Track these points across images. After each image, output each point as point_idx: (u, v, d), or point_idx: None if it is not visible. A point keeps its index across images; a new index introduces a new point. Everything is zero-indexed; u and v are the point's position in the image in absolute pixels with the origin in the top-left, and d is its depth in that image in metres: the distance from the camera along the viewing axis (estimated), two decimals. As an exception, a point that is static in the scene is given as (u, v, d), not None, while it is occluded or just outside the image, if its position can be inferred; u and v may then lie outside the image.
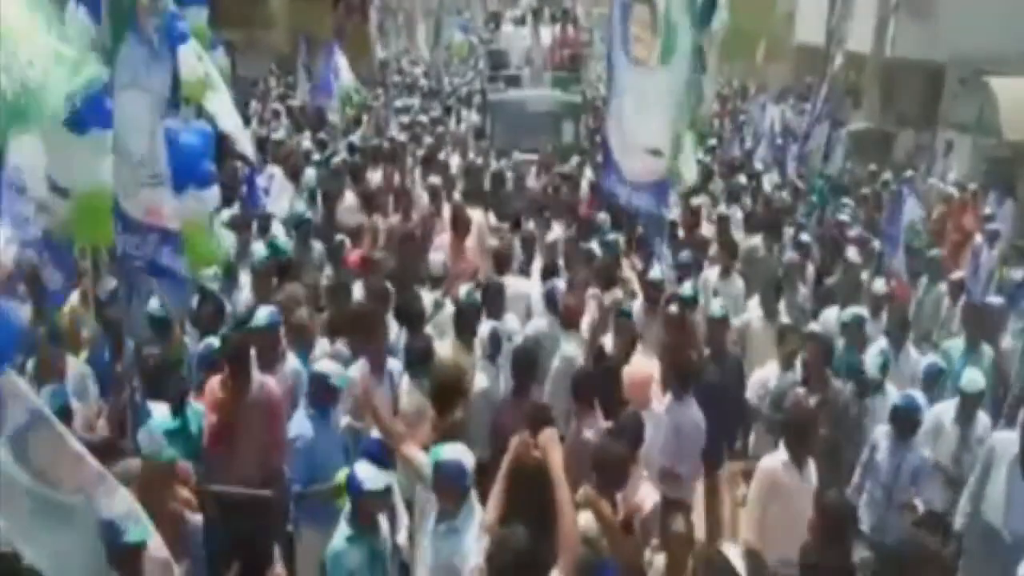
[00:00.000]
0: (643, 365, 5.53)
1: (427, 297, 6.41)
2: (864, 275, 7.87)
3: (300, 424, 4.69)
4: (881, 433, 5.07)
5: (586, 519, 3.79)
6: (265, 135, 13.61)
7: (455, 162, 12.38)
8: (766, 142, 13.34)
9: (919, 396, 5.11)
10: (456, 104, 19.50)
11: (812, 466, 4.63)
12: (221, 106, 8.98)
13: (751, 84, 25.60)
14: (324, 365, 4.80)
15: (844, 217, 9.92)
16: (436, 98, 19.41)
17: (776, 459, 4.63)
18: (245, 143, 9.03)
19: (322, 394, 4.69)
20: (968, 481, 4.82)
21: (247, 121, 15.02)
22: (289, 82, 18.48)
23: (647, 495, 4.24)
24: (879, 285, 7.28)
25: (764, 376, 6.00)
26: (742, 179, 11.82)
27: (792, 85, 23.79)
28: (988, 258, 9.19)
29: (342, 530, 3.88)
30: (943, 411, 5.36)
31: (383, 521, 4.01)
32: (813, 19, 21.31)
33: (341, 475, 4.21)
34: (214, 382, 4.83)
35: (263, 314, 5.27)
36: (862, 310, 6.41)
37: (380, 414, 4.34)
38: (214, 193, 5.99)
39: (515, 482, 3.90)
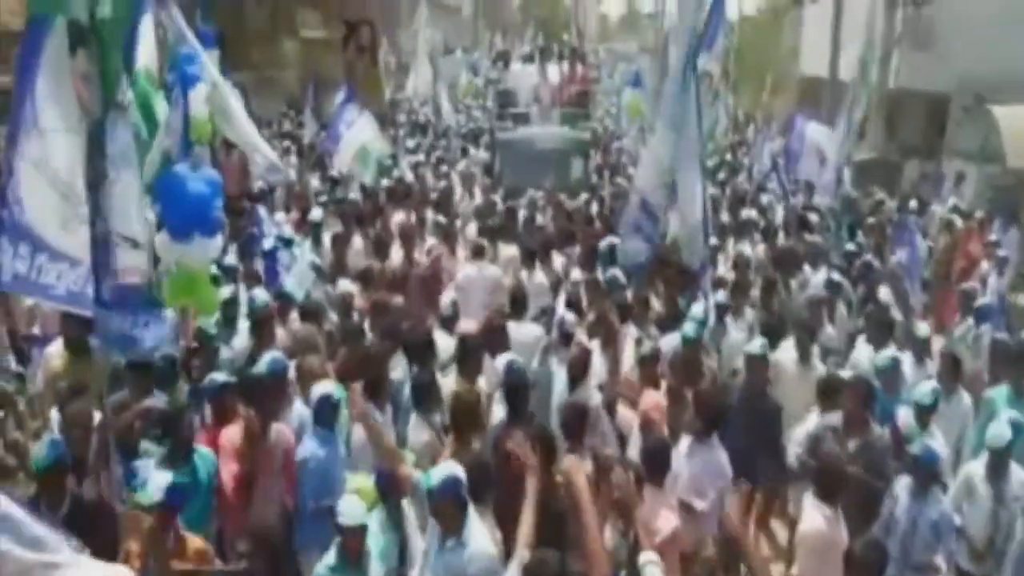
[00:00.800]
0: (654, 395, 5.53)
1: (440, 338, 6.36)
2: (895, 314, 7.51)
3: (308, 445, 4.88)
4: (902, 485, 4.85)
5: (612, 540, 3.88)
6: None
7: (465, 201, 12.45)
8: (774, 175, 13.40)
9: (939, 447, 4.89)
10: (463, 142, 19.70)
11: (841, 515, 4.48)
12: (238, 129, 9.24)
13: (757, 116, 25.86)
14: (325, 386, 4.98)
15: (851, 247, 9.77)
16: (443, 137, 19.66)
17: (817, 517, 4.45)
18: (267, 154, 9.27)
19: (325, 412, 4.89)
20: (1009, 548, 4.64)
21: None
22: (300, 121, 18.79)
23: (666, 520, 4.29)
24: (924, 329, 6.91)
25: (805, 430, 5.62)
26: (752, 213, 11.74)
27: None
28: (997, 285, 9.28)
29: (329, 558, 4.02)
30: (973, 469, 5.11)
31: (375, 559, 4.08)
32: (817, 52, 21.61)
33: (352, 483, 4.48)
34: (232, 432, 4.87)
35: (268, 361, 5.22)
36: (897, 353, 6.22)
37: (376, 427, 4.46)
38: (217, 242, 6.10)
39: (543, 508, 3.93)
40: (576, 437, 4.86)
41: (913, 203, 13.56)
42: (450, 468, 3.90)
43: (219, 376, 5.23)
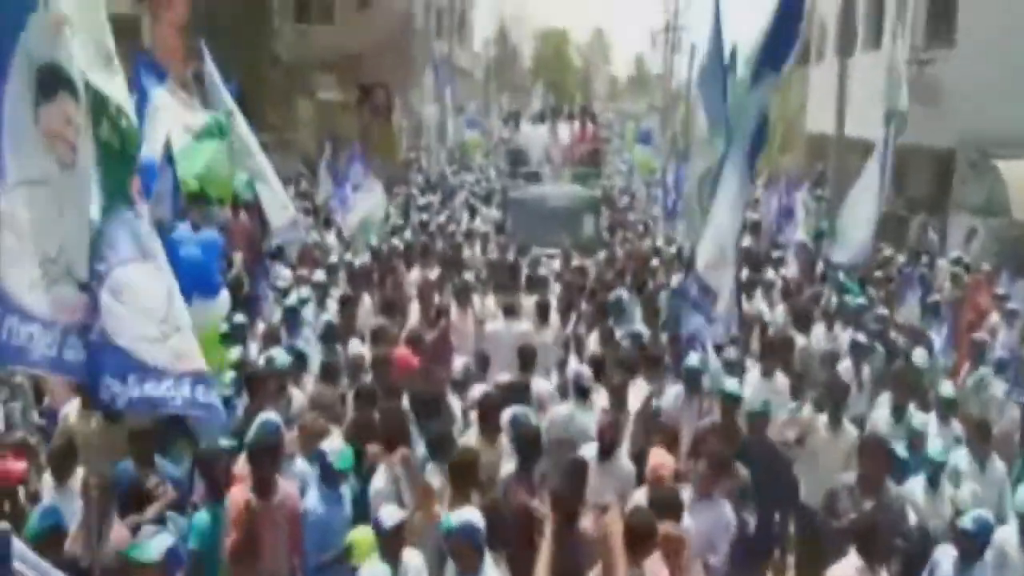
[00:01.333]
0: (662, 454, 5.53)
1: (452, 402, 6.36)
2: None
3: (311, 500, 5.01)
4: (943, 553, 4.74)
5: None
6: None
7: (478, 259, 12.56)
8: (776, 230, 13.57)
9: (989, 516, 4.75)
10: (472, 200, 19.83)
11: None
12: (269, 183, 9.52)
13: (765, 173, 26.22)
14: (328, 444, 5.05)
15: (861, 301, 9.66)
16: (453, 196, 19.99)
17: (849, 567, 4.44)
18: (291, 211, 9.52)
19: (327, 473, 4.99)
20: None
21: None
22: (315, 180, 19.12)
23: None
24: (948, 388, 6.80)
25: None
26: (769, 272, 11.74)
27: (805, 172, 24.35)
28: (1008, 338, 9.34)
29: None
30: (1006, 537, 4.99)
31: None
32: (823, 110, 21.98)
33: (349, 537, 4.60)
34: (236, 493, 4.91)
35: (259, 424, 5.21)
36: (923, 414, 6.18)
37: (415, 467, 4.75)
38: (222, 301, 6.19)
39: (558, 561, 4.09)
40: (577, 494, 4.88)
41: (925, 258, 13.70)
42: (470, 513, 4.07)
43: (221, 442, 5.24)
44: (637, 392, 6.59)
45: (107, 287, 3.97)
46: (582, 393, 6.40)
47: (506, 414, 5.88)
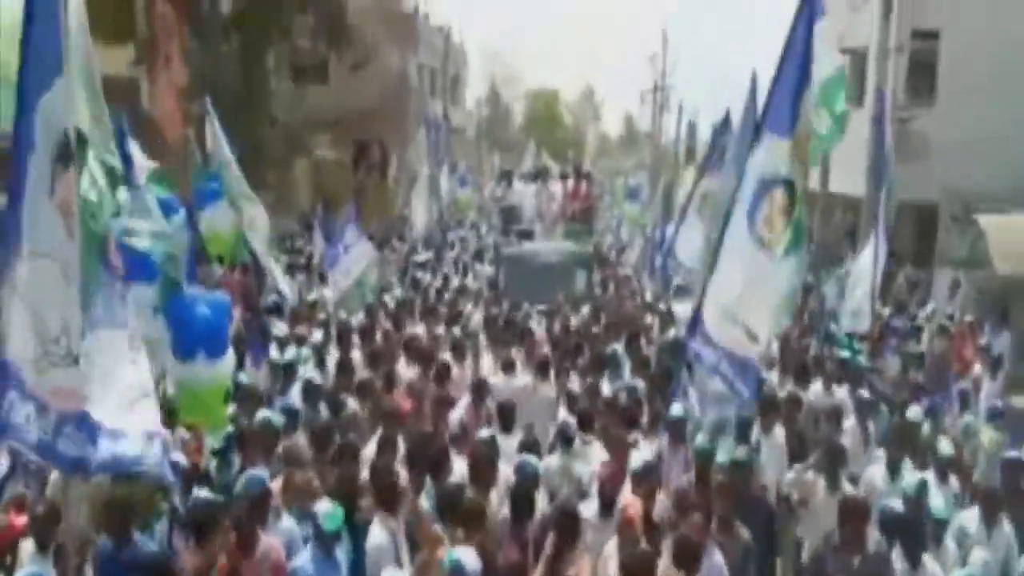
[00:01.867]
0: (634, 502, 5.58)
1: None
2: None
3: (302, 559, 5.01)
4: None
5: None
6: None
7: (473, 315, 12.55)
8: None
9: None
10: (463, 256, 19.92)
11: None
12: (260, 244, 9.74)
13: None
14: (320, 506, 5.06)
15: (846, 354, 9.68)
16: (445, 253, 20.16)
17: None
18: (278, 280, 9.63)
19: (318, 535, 4.97)
20: None
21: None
22: (308, 237, 19.33)
23: None
24: (947, 446, 6.76)
25: None
26: None
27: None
28: (990, 388, 9.52)
29: None
30: None
31: None
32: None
33: None
34: (220, 547, 4.93)
35: (245, 480, 5.30)
36: (925, 476, 6.15)
37: (425, 516, 4.92)
38: (228, 361, 6.36)
39: None
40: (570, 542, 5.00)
41: (915, 310, 13.91)
42: (469, 552, 4.30)
43: (203, 495, 5.27)
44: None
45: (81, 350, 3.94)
46: (566, 441, 6.57)
47: (510, 464, 5.97)
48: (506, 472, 6.00)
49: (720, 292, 5.74)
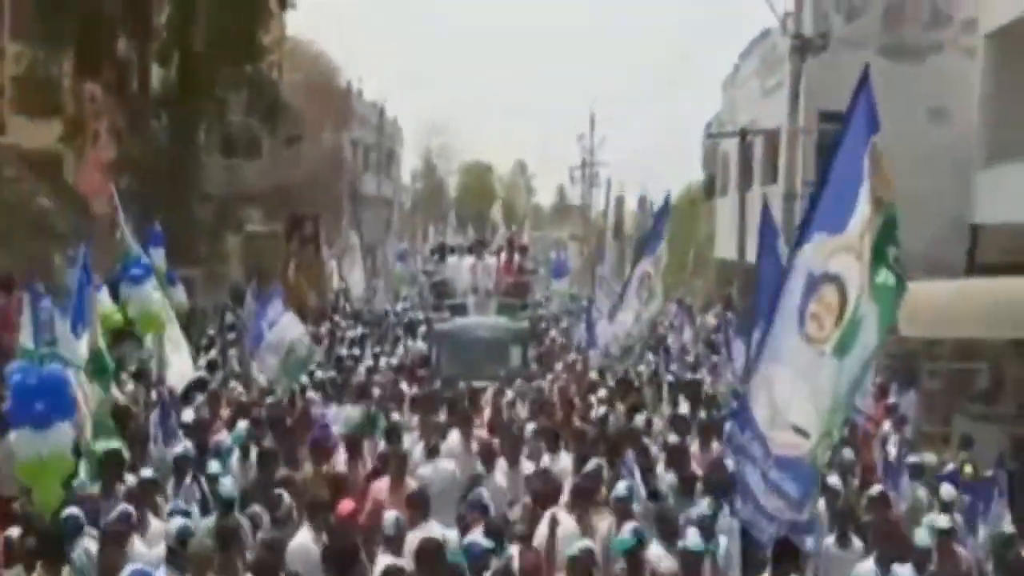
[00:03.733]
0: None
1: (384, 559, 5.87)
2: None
3: None
4: None
5: None
6: (216, 363, 13.79)
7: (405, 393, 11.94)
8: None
9: None
10: (395, 332, 19.56)
11: None
12: (174, 338, 9.68)
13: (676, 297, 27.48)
14: None
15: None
16: (378, 328, 19.99)
17: None
18: (181, 375, 9.56)
19: None
20: None
21: (207, 348, 15.53)
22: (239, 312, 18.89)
23: None
24: (923, 537, 6.43)
25: None
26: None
27: (716, 295, 25.68)
28: (895, 442, 10.04)
29: None
30: None
31: None
32: (729, 238, 23.45)
33: None
34: None
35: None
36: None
37: None
38: (56, 433, 6.08)
39: None
40: None
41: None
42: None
43: None
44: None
45: None
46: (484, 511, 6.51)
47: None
48: None
49: (768, 396, 5.25)
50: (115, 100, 19.55)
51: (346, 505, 6.57)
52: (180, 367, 9.68)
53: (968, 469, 8.87)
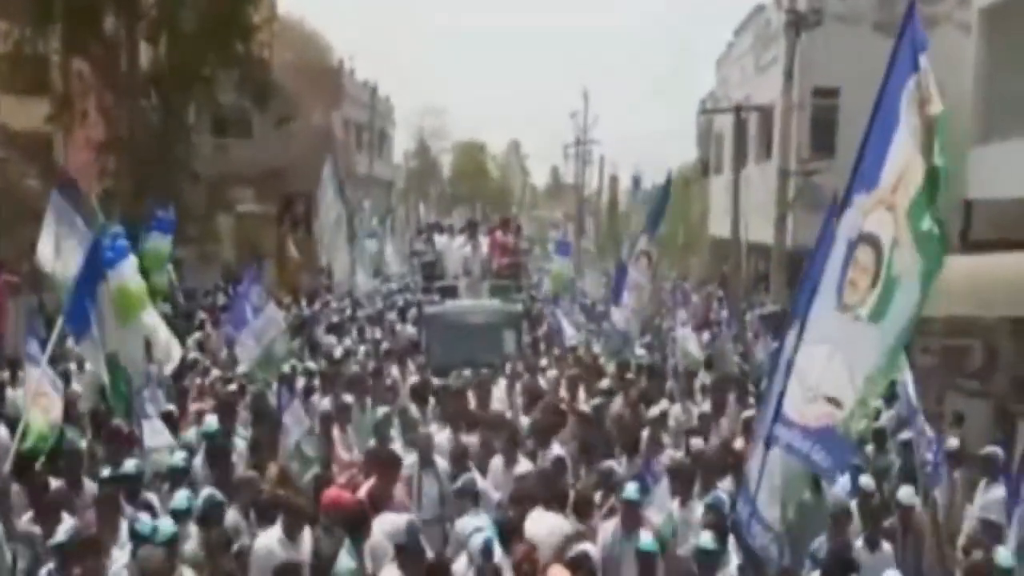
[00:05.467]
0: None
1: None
2: None
3: None
4: None
5: None
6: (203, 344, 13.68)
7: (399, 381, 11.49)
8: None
9: None
10: (389, 315, 18.85)
11: None
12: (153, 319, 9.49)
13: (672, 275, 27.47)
14: None
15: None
16: (360, 307, 19.18)
17: None
18: (168, 351, 9.44)
19: None
20: None
21: (199, 328, 15.40)
22: (230, 295, 18.66)
23: None
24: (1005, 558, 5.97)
25: None
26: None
27: (710, 273, 25.71)
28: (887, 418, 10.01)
29: None
30: None
31: None
32: (722, 216, 23.42)
33: None
34: None
35: None
36: None
37: None
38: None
39: None
40: None
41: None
42: None
43: None
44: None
45: None
46: (474, 498, 6.39)
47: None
48: None
49: (802, 380, 5.00)
50: (104, 79, 19.35)
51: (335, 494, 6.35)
52: (165, 347, 9.50)
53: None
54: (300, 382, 10.70)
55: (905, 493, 6.81)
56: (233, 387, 10.09)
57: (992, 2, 16.27)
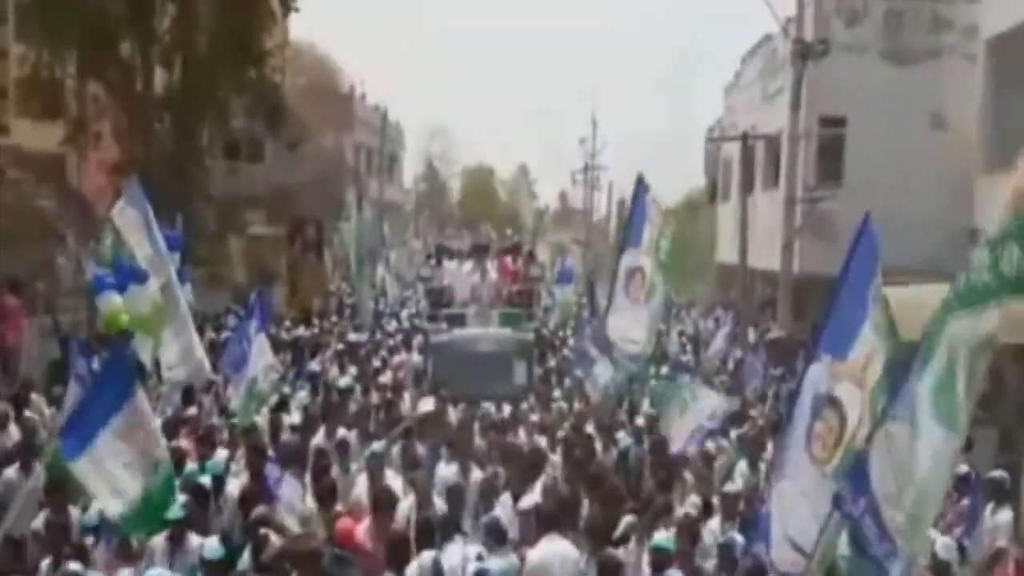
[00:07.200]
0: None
1: None
2: None
3: None
4: None
5: None
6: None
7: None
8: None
9: None
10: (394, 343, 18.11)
11: None
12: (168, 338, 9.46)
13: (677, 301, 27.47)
14: None
15: None
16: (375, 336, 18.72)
17: None
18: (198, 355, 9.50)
19: None
20: None
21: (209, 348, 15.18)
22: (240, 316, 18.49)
23: None
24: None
25: None
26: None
27: (716, 299, 25.74)
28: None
29: None
30: None
31: None
32: (730, 243, 23.50)
33: None
34: None
35: None
36: None
37: None
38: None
39: None
40: None
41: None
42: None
43: None
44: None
45: None
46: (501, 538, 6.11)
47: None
48: None
49: (779, 510, 5.29)
50: (118, 102, 19.63)
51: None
52: (185, 364, 9.52)
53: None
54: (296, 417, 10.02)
55: (942, 545, 6.41)
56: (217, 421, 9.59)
57: (998, 32, 16.41)
